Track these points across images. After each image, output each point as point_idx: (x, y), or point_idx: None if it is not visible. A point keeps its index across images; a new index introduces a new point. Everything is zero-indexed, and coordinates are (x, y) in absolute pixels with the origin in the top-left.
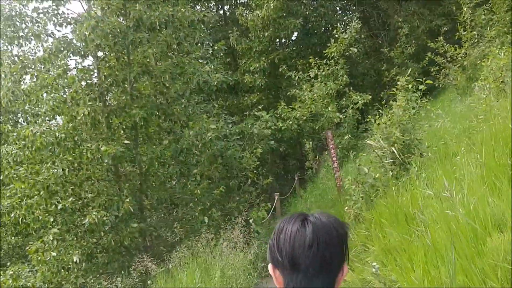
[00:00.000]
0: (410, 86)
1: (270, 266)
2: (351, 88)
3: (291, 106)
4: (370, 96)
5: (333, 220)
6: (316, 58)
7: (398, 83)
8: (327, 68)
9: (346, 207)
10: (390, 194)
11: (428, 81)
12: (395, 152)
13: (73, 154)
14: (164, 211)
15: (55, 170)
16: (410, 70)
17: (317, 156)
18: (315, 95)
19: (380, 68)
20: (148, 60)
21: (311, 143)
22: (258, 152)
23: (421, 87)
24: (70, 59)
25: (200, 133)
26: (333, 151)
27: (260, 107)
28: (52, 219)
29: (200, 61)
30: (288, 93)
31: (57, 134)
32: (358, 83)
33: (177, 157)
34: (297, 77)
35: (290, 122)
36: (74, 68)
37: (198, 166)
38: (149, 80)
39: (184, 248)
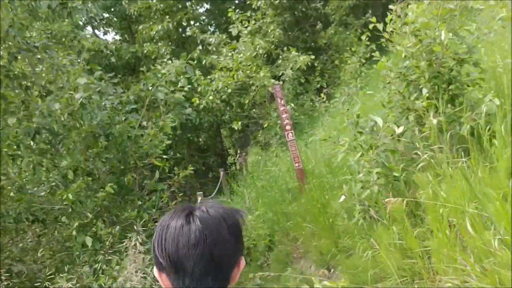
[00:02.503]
0: None
1: (155, 269)
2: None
3: (209, 77)
4: (313, 56)
5: (223, 210)
6: (237, 11)
7: None
8: (253, 22)
9: (343, 196)
10: None
11: None
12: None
13: None
14: (33, 233)
15: None
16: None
17: (238, 152)
18: (241, 55)
19: (306, 39)
20: None
21: (239, 123)
22: (168, 126)
23: None
24: None
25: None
26: (286, 115)
27: (166, 57)
28: None
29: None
30: (204, 61)
31: None
32: None
33: (32, 142)
34: (213, 40)
35: (211, 98)
36: None
37: (68, 154)
38: None
39: None
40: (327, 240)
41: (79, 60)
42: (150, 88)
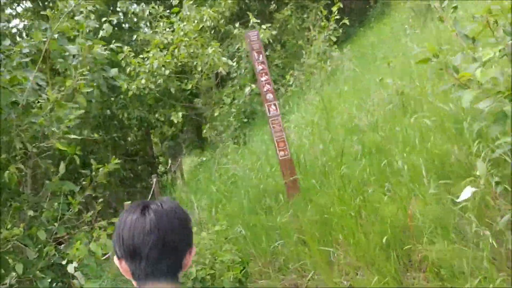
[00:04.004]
0: None
1: (115, 258)
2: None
3: (141, 56)
4: (275, 32)
5: (175, 205)
6: None
7: None
8: None
9: (469, 189)
10: None
11: None
12: None
13: None
14: None
15: None
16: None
17: (170, 161)
18: (184, 24)
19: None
20: None
21: (179, 114)
22: (81, 93)
23: None
24: None
25: None
26: (267, 78)
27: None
28: None
29: None
30: (135, 37)
31: None
32: None
33: None
34: (147, 13)
35: (143, 82)
36: None
37: None
38: None
39: None
40: (372, 277)
41: None
42: (55, 36)
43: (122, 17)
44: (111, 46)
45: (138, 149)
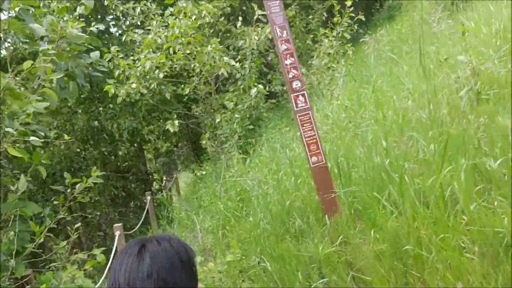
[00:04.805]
0: None
1: None
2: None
3: (132, 58)
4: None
5: (175, 243)
6: None
7: None
8: None
9: None
10: None
11: None
12: None
13: None
14: None
15: None
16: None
17: (164, 178)
18: (179, 21)
19: None
20: None
21: (176, 122)
22: (51, 83)
23: None
24: None
25: None
26: (292, 62)
27: None
28: None
29: None
30: (123, 37)
31: None
32: None
33: None
34: (138, 10)
35: (134, 86)
36: None
37: None
38: None
39: None
40: None
41: None
42: (17, 11)
43: (112, 21)
44: (91, 28)
45: (130, 165)
